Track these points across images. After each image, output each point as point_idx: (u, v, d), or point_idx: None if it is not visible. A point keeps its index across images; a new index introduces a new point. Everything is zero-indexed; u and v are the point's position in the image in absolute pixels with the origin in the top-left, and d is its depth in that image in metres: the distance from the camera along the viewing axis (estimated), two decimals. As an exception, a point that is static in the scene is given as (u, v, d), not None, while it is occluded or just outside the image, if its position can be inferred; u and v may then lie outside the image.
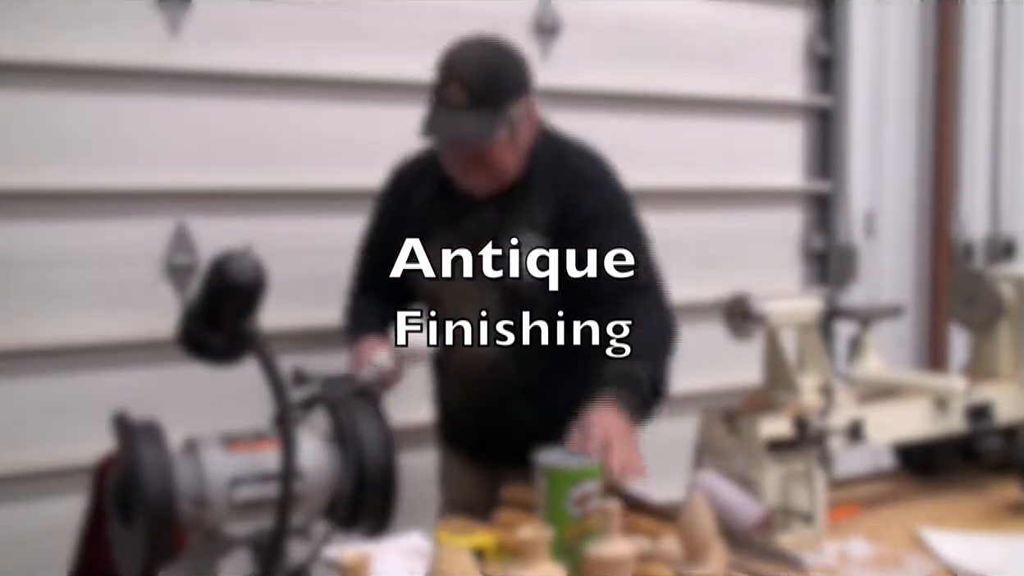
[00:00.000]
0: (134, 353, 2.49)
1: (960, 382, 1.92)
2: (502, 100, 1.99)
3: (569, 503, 1.54)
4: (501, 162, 2.03)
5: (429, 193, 2.18)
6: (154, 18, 2.49)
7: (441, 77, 2.00)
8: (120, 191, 2.48)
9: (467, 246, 2.09)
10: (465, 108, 1.96)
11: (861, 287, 3.65)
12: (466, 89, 1.96)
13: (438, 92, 2.00)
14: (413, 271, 2.17)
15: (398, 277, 2.19)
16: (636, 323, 1.94)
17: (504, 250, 2.07)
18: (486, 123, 1.97)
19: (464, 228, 2.11)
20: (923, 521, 1.84)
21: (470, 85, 1.97)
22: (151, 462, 1.20)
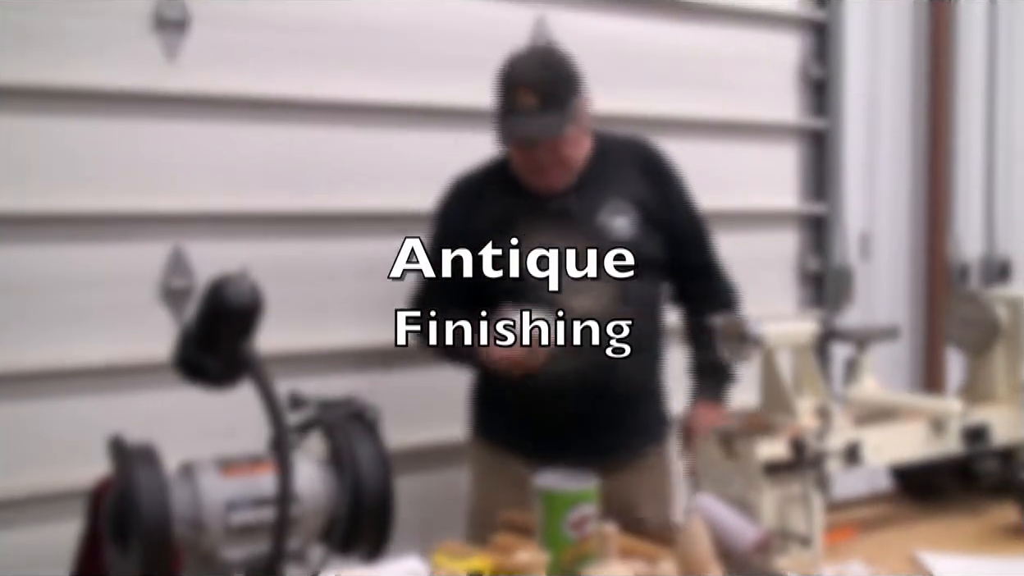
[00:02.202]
0: (130, 376, 2.48)
1: (957, 404, 1.92)
2: (567, 97, 2.16)
3: (566, 526, 1.54)
4: (573, 155, 2.22)
5: (501, 201, 2.27)
6: (151, 42, 2.50)
7: (507, 87, 2.16)
8: (116, 214, 2.48)
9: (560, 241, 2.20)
10: (536, 110, 2.12)
11: (857, 309, 3.65)
12: (535, 93, 2.13)
13: (507, 101, 2.15)
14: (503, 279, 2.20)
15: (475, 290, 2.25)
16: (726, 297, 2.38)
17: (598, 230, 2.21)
18: (557, 120, 2.14)
19: (552, 225, 2.21)
20: (921, 544, 1.84)
21: (538, 88, 2.13)
22: (147, 486, 1.20)
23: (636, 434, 2.30)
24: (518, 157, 2.22)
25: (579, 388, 2.16)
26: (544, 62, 2.22)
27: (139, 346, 2.48)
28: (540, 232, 2.21)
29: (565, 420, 2.20)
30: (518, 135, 2.15)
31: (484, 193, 2.30)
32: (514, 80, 2.15)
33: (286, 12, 2.64)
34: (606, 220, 2.22)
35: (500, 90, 2.17)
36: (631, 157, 2.32)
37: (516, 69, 2.18)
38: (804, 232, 3.58)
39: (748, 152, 3.42)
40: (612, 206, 2.24)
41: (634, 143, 2.38)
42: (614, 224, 2.22)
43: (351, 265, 2.75)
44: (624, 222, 2.23)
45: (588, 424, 2.21)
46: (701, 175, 3.28)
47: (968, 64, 3.91)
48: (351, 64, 2.74)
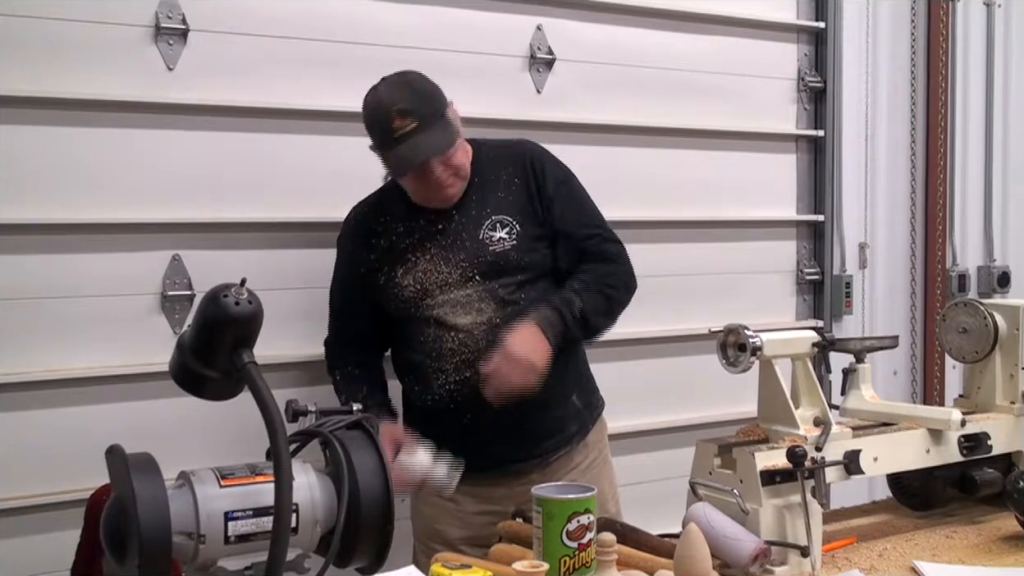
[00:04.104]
0: (128, 385, 2.48)
1: (956, 413, 1.92)
2: (440, 110, 2.21)
3: (565, 536, 1.54)
4: (464, 162, 2.26)
5: (389, 228, 2.31)
6: (151, 52, 2.51)
7: (381, 119, 2.18)
8: (115, 223, 2.48)
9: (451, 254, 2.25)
10: (418, 132, 2.15)
11: (855, 318, 3.66)
12: (411, 116, 2.15)
13: (385, 133, 2.17)
14: (406, 301, 2.27)
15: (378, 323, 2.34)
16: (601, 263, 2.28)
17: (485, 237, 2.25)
18: (442, 135, 2.18)
19: (437, 244, 2.26)
20: (919, 553, 1.83)
21: (413, 111, 2.16)
22: (145, 495, 1.20)
23: (549, 436, 2.30)
24: (413, 184, 2.24)
25: (476, 399, 2.18)
26: (404, 85, 2.22)
27: (139, 355, 2.48)
28: (426, 252, 2.26)
29: (474, 432, 2.23)
30: (414, 162, 2.16)
31: (376, 224, 2.33)
32: (387, 110, 2.16)
33: (284, 22, 2.65)
34: (487, 234, 2.25)
35: (374, 125, 2.20)
36: (509, 163, 2.33)
37: (383, 101, 2.19)
38: (803, 242, 3.59)
39: (745, 162, 3.42)
40: (493, 219, 2.26)
41: (511, 147, 2.39)
42: (495, 236, 2.25)
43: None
44: (504, 234, 2.25)
45: (496, 432, 2.22)
46: (699, 185, 3.31)
47: (965, 73, 3.93)
48: (350, 74, 2.74)
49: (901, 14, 3.80)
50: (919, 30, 3.82)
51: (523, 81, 3.01)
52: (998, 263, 3.99)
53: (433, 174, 2.19)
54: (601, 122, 3.10)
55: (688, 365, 3.18)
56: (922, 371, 3.84)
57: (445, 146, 2.18)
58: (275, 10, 2.64)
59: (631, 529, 1.77)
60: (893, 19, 3.78)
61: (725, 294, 3.31)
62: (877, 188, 3.76)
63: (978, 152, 3.98)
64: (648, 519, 2.31)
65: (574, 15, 3.08)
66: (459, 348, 2.22)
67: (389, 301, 2.30)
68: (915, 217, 3.85)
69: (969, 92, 3.94)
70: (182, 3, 2.52)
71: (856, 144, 3.68)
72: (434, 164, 2.18)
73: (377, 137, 2.21)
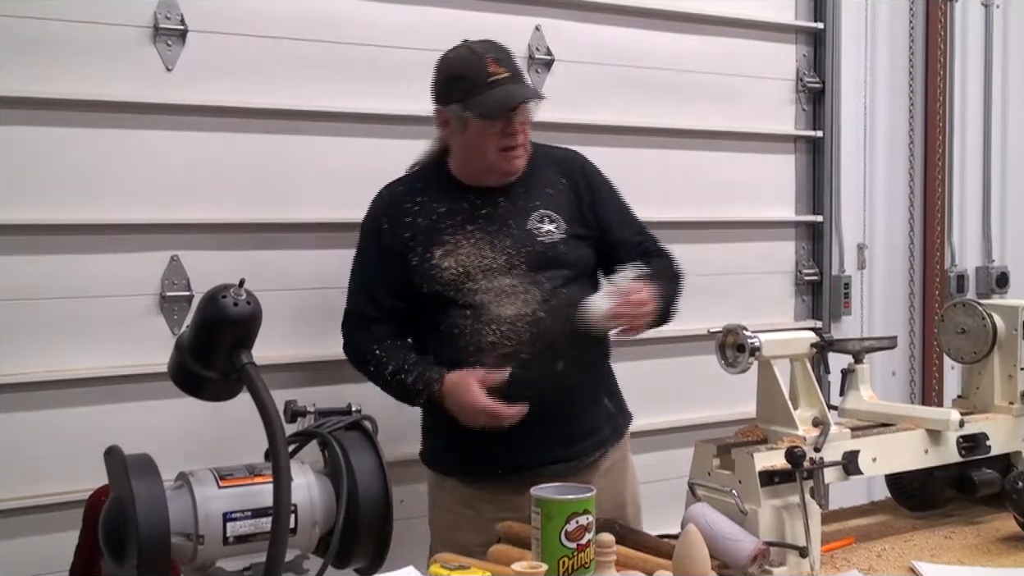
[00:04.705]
0: (127, 386, 2.48)
1: (955, 414, 1.92)
2: (524, 72, 2.22)
3: (564, 537, 1.54)
4: (528, 140, 2.23)
5: (429, 207, 2.24)
6: (150, 53, 2.51)
7: (474, 64, 2.16)
8: (114, 224, 2.48)
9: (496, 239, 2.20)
10: (511, 81, 2.15)
11: (854, 319, 3.66)
12: (504, 65, 2.16)
13: (479, 77, 2.14)
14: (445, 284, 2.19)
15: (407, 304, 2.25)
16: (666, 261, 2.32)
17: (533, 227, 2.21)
18: (533, 90, 2.17)
19: (482, 228, 2.21)
20: (918, 554, 1.83)
21: (505, 62, 2.17)
22: (144, 496, 1.20)
23: (583, 438, 2.25)
24: (486, 143, 2.18)
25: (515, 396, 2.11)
26: (493, 44, 2.22)
27: (137, 356, 2.47)
28: (469, 236, 2.21)
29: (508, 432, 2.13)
30: (508, 103, 2.14)
31: (411, 201, 2.27)
32: (482, 57, 2.16)
33: (283, 23, 2.65)
34: (535, 224, 2.22)
35: (466, 70, 2.17)
36: (557, 164, 2.33)
37: (477, 50, 2.19)
38: (801, 242, 3.59)
39: (744, 162, 3.43)
40: (541, 212, 2.24)
41: (565, 155, 2.38)
42: (543, 228, 2.22)
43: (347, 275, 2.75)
44: (552, 228, 2.23)
45: (531, 432, 2.15)
46: (698, 186, 3.31)
47: (963, 74, 3.93)
48: (350, 75, 2.75)
49: (899, 15, 3.81)
50: (917, 31, 3.82)
51: (522, 82, 3.01)
52: (996, 263, 3.99)
53: (518, 127, 2.17)
54: (599, 123, 3.10)
55: (687, 366, 3.19)
56: (920, 372, 3.84)
57: (537, 96, 2.19)
58: (274, 11, 2.64)
59: (630, 530, 1.78)
60: (891, 20, 3.79)
61: (724, 295, 3.31)
62: (876, 189, 3.76)
63: (976, 152, 3.98)
64: (647, 520, 2.32)
65: (573, 16, 3.08)
66: (500, 342, 2.15)
67: (424, 283, 2.20)
68: (913, 218, 3.85)
69: (967, 93, 3.94)
70: (181, 4, 2.52)
71: (855, 145, 3.68)
72: (523, 115, 2.17)
73: (468, 82, 2.15)
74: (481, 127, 2.16)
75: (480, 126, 2.16)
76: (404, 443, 2.52)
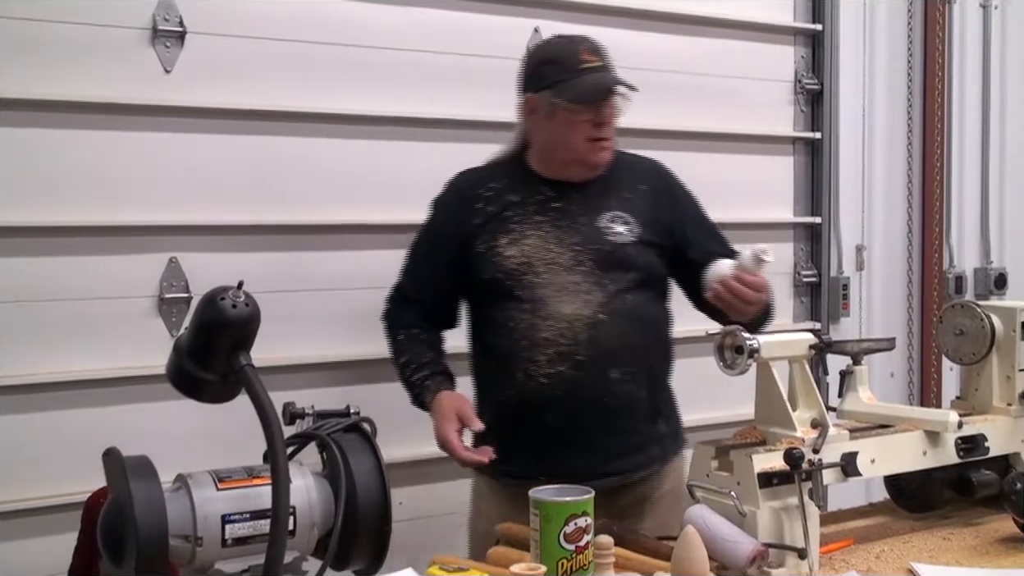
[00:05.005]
0: (126, 388, 2.48)
1: (954, 415, 1.92)
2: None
3: (563, 538, 1.54)
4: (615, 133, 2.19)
5: (502, 197, 2.20)
6: (148, 54, 2.51)
7: (569, 51, 2.15)
8: (112, 226, 2.48)
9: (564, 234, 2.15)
10: (603, 70, 2.14)
11: (852, 320, 3.66)
12: (597, 55, 2.14)
13: (573, 62, 2.12)
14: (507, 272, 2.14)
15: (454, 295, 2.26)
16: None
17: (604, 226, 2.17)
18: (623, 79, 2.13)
19: (552, 222, 2.17)
20: (917, 555, 1.84)
21: (598, 52, 2.15)
22: (142, 498, 1.20)
23: (628, 454, 2.17)
24: (576, 129, 2.13)
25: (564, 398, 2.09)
26: (587, 37, 2.20)
27: (136, 358, 2.48)
28: (538, 227, 2.16)
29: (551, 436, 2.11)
30: (604, 86, 2.12)
31: (484, 189, 2.22)
32: (577, 45, 2.15)
33: (281, 25, 2.65)
34: (606, 224, 2.17)
35: (560, 56, 2.15)
36: (639, 170, 2.29)
37: (572, 39, 2.18)
38: (800, 244, 3.59)
39: (743, 164, 3.43)
40: (614, 212, 2.19)
41: (646, 162, 2.34)
42: (614, 229, 2.17)
43: (348, 276, 2.75)
44: (624, 230, 2.17)
45: (576, 439, 2.11)
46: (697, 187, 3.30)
47: (962, 75, 3.93)
48: (345, 76, 2.75)
49: (898, 16, 3.81)
50: (915, 32, 3.83)
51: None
52: (995, 265, 4.00)
53: (607, 118, 2.14)
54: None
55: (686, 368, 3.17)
56: (919, 373, 3.85)
57: (630, 87, 2.13)
58: (272, 12, 2.64)
59: (629, 531, 1.77)
60: (890, 21, 3.79)
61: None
62: (874, 190, 3.76)
63: (975, 154, 3.98)
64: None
65: (571, 17, 3.08)
66: (555, 338, 2.09)
67: (486, 269, 2.15)
68: (912, 219, 3.85)
69: (965, 94, 3.94)
70: (179, 5, 2.52)
71: (853, 146, 3.69)
72: (612, 108, 2.15)
73: (560, 66, 2.13)
74: (570, 115, 2.12)
75: (569, 113, 2.12)
76: (403, 445, 2.53)
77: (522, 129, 2.27)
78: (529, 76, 2.20)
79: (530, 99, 2.19)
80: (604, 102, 2.13)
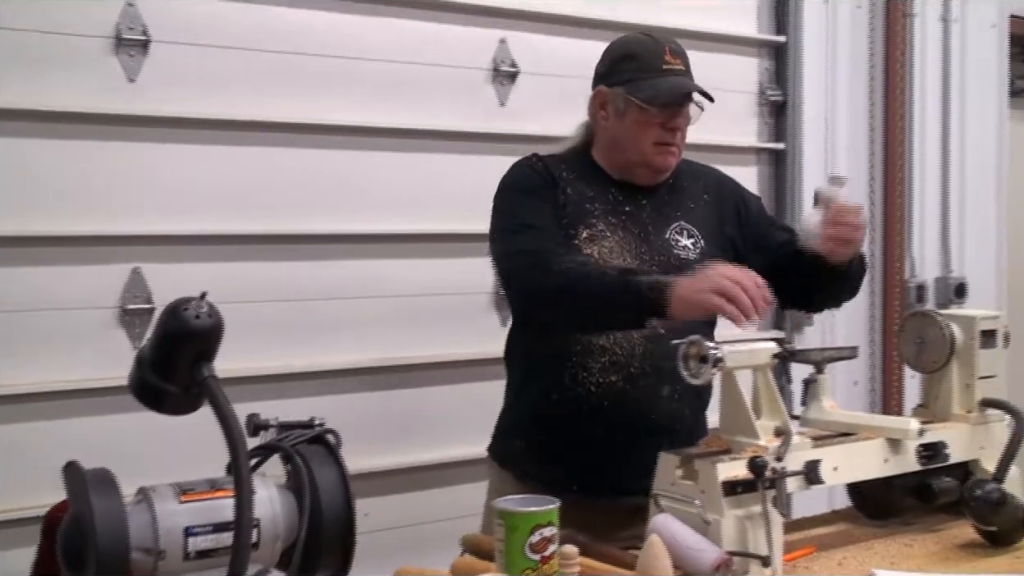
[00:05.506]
0: (87, 400, 2.46)
1: (915, 423, 1.94)
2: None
3: (528, 549, 1.54)
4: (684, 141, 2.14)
5: (578, 192, 2.11)
6: (111, 63, 2.49)
7: (652, 50, 2.09)
8: (75, 236, 2.45)
9: (633, 242, 2.09)
10: (684, 74, 2.09)
11: (816, 329, 3.69)
12: (679, 58, 2.10)
13: (655, 62, 2.07)
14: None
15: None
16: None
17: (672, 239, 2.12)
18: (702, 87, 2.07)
19: (622, 227, 2.10)
20: (879, 562, 1.85)
21: (681, 56, 2.11)
22: (103, 512, 1.18)
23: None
24: (647, 131, 2.08)
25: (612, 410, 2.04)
26: (673, 38, 2.16)
27: (98, 369, 2.45)
28: (614, 229, 2.09)
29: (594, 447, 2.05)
30: (685, 88, 2.07)
31: (562, 171, 2.13)
32: (662, 44, 2.10)
33: (246, 34, 2.65)
34: (674, 236, 2.13)
35: (644, 53, 2.09)
36: (702, 178, 2.24)
37: (656, 37, 2.12)
38: (764, 253, 3.61)
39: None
40: (681, 224, 2.14)
41: (707, 171, 2.30)
42: (680, 243, 2.12)
43: (312, 287, 2.74)
44: (689, 243, 2.12)
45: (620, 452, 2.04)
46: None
47: (923, 87, 3.99)
48: (311, 85, 2.74)
49: (860, 29, 3.86)
50: (877, 45, 3.88)
51: (486, 94, 3.02)
52: (955, 274, 4.05)
53: (683, 122, 2.09)
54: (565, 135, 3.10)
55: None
56: (882, 381, 3.88)
57: (709, 97, 2.09)
58: (237, 22, 2.64)
59: (594, 541, 1.78)
60: (852, 34, 3.84)
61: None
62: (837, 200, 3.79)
63: (935, 165, 4.03)
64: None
65: (537, 28, 3.10)
66: (612, 347, 2.04)
67: None
68: (874, 229, 3.89)
69: (927, 106, 4.00)
70: (144, 14, 2.51)
71: (816, 157, 3.72)
72: (686, 115, 2.09)
73: (641, 63, 2.08)
74: (642, 115, 2.07)
75: (641, 113, 2.07)
76: (368, 456, 2.52)
77: (588, 123, 2.21)
78: (605, 69, 2.15)
79: (602, 92, 2.13)
80: (679, 107, 2.09)
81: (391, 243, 2.84)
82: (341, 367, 2.75)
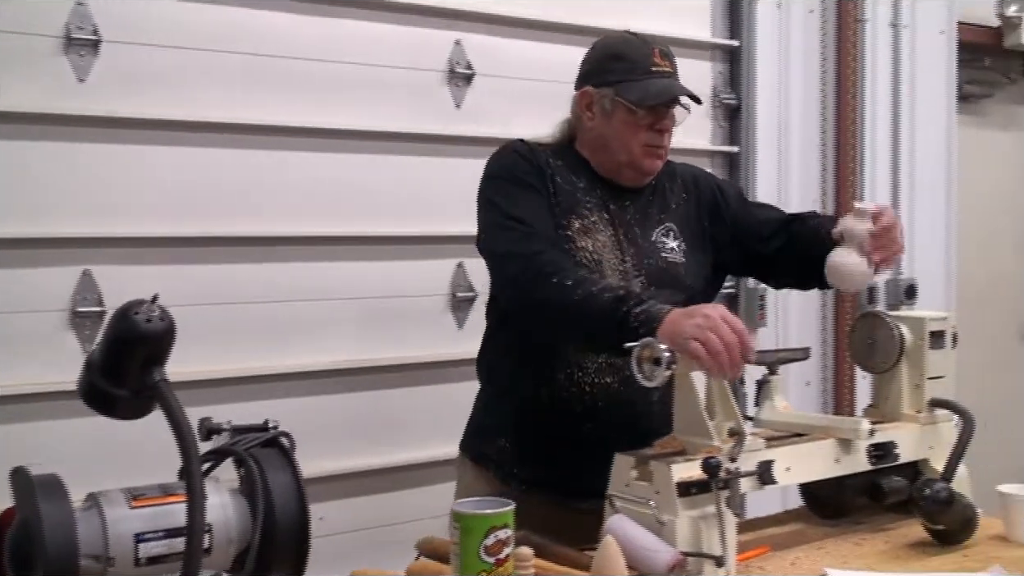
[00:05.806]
0: (35, 405, 2.42)
1: (865, 423, 1.96)
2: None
3: (483, 551, 1.54)
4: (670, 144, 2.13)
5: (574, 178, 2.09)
6: (61, 63, 2.45)
7: (641, 50, 2.07)
8: (24, 238, 2.42)
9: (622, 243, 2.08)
10: (672, 76, 2.07)
11: (769, 331, 3.72)
12: (667, 60, 2.07)
13: (644, 63, 2.05)
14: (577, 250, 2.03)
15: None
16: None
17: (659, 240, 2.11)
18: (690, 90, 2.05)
19: (610, 226, 2.08)
20: (830, 561, 1.87)
21: (669, 57, 2.08)
22: (52, 518, 1.17)
23: None
24: (633, 133, 2.06)
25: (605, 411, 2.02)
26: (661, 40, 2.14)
27: (47, 373, 2.41)
28: (606, 224, 2.08)
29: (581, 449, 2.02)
30: (673, 91, 2.05)
31: (549, 160, 2.09)
32: (651, 45, 2.07)
33: (199, 34, 2.62)
34: (660, 238, 2.13)
35: (632, 53, 2.06)
36: (682, 183, 2.23)
37: (645, 38, 2.10)
38: (718, 255, 3.64)
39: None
40: (666, 225, 2.14)
41: (684, 169, 2.28)
42: (667, 245, 2.12)
43: (264, 290, 2.73)
44: (675, 245, 2.12)
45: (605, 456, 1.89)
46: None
47: (874, 92, 4.04)
48: (264, 86, 2.73)
49: (812, 34, 3.91)
50: (829, 50, 3.92)
51: (442, 96, 3.01)
52: (905, 276, 4.11)
53: (669, 125, 2.08)
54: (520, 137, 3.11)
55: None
56: (833, 382, 3.93)
57: (697, 100, 2.06)
58: (190, 22, 2.61)
59: (548, 543, 1.78)
60: (805, 39, 3.88)
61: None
62: (790, 202, 3.83)
63: (886, 168, 4.09)
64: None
65: (493, 31, 3.10)
66: None
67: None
68: (826, 231, 3.93)
69: (877, 110, 4.05)
70: (94, 13, 2.47)
71: (770, 159, 3.76)
72: (672, 118, 2.07)
73: (629, 64, 2.05)
74: (630, 117, 2.05)
75: (629, 115, 2.05)
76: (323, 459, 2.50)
77: (569, 121, 2.18)
78: (592, 68, 2.12)
79: (589, 93, 2.11)
80: (667, 110, 2.07)
81: (345, 245, 2.82)
82: (297, 370, 2.73)
